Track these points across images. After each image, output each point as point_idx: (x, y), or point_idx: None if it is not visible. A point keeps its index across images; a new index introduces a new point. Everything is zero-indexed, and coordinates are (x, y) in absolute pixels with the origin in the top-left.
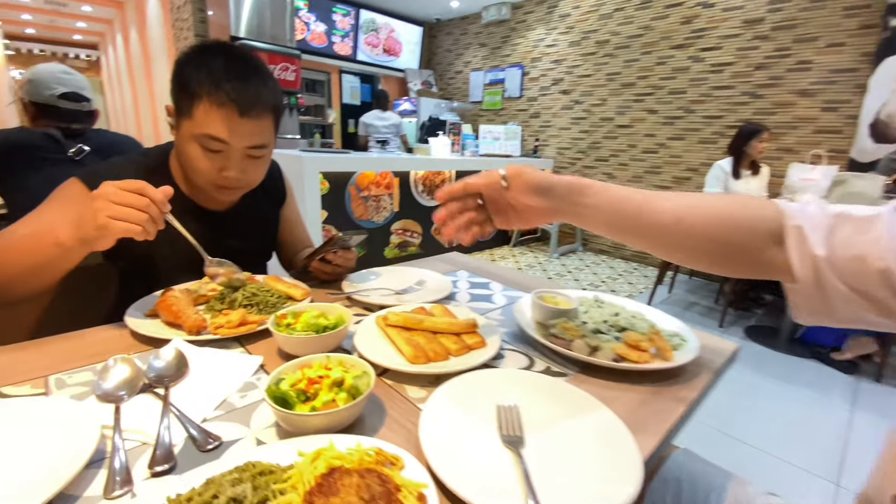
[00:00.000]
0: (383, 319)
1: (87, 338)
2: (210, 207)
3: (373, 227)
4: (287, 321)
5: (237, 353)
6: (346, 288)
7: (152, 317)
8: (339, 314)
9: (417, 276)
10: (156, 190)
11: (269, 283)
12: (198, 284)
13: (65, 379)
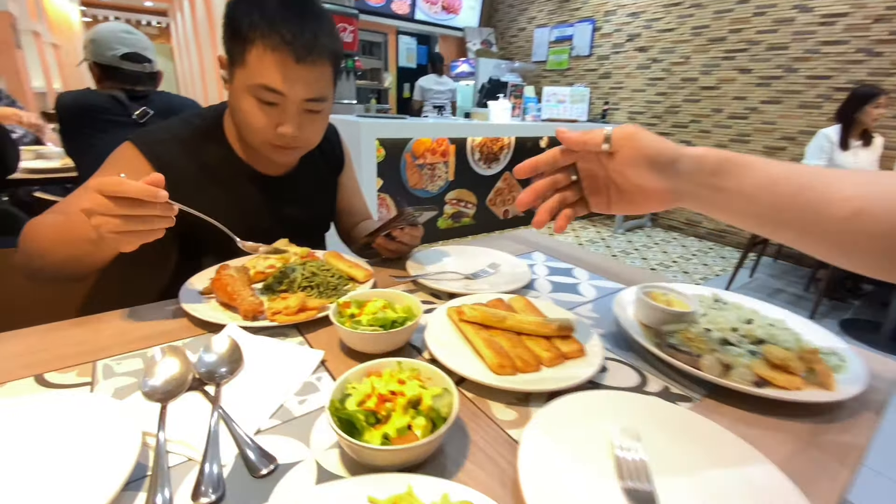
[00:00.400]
0: (457, 313)
1: (139, 317)
2: (267, 172)
3: (427, 196)
4: (350, 311)
5: (296, 345)
6: (412, 269)
7: (208, 294)
8: (408, 305)
9: (489, 257)
10: (136, 186)
11: (330, 260)
12: (255, 260)
13: (113, 366)
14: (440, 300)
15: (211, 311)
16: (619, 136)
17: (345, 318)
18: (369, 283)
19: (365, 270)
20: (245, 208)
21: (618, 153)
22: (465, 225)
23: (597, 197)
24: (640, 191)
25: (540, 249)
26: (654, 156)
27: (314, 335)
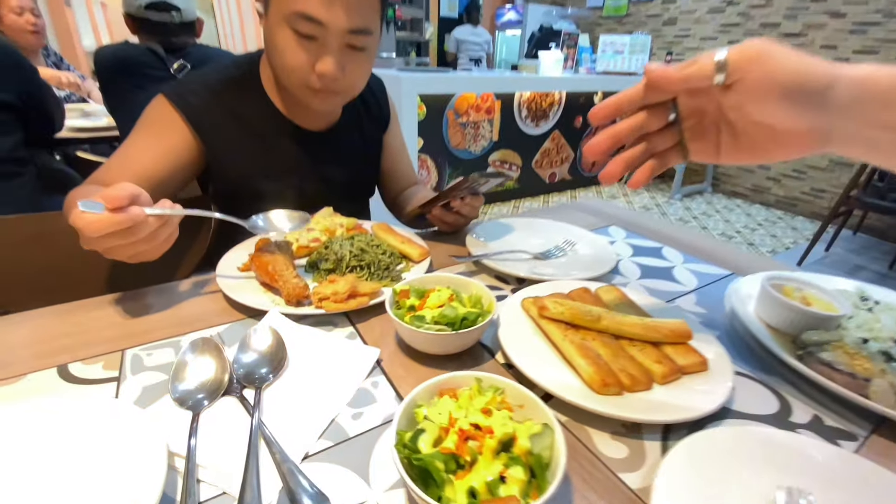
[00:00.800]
0: (536, 306)
1: (172, 296)
2: (307, 126)
3: (468, 157)
4: (410, 302)
5: (346, 340)
6: (472, 247)
7: (247, 270)
8: (476, 294)
9: (561, 233)
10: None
11: (380, 234)
12: (297, 234)
13: (142, 357)
14: (507, 284)
15: (251, 292)
16: (739, 60)
17: (403, 310)
18: (425, 263)
19: (420, 248)
20: (284, 166)
21: (738, 83)
22: (508, 189)
23: (701, 142)
24: (769, 133)
25: (617, 223)
26: (794, 83)
27: (366, 325)
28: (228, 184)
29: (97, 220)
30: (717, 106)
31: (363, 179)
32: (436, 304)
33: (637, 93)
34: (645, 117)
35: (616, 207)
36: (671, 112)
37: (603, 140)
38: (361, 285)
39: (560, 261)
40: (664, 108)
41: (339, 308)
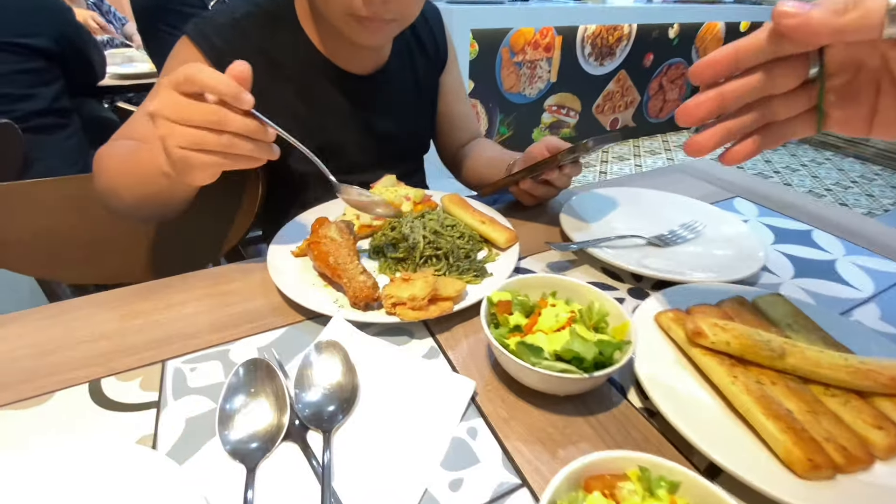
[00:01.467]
0: (684, 328)
1: (218, 284)
2: (350, 69)
3: (522, 101)
4: (514, 320)
5: (429, 362)
6: (571, 229)
7: (302, 255)
8: (599, 309)
9: (677, 208)
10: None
11: (453, 210)
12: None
13: (185, 372)
14: (620, 282)
15: (308, 287)
16: None
17: (504, 329)
18: (513, 251)
19: (506, 230)
20: (324, 116)
21: None
22: (564, 137)
23: (849, 108)
24: None
25: (742, 193)
26: None
27: (449, 336)
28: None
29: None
30: (883, 59)
31: (418, 132)
32: (552, 325)
33: (761, 43)
34: (768, 75)
35: (734, 172)
36: (812, 67)
37: (707, 102)
38: (443, 285)
39: (686, 250)
40: (799, 62)
41: (417, 317)
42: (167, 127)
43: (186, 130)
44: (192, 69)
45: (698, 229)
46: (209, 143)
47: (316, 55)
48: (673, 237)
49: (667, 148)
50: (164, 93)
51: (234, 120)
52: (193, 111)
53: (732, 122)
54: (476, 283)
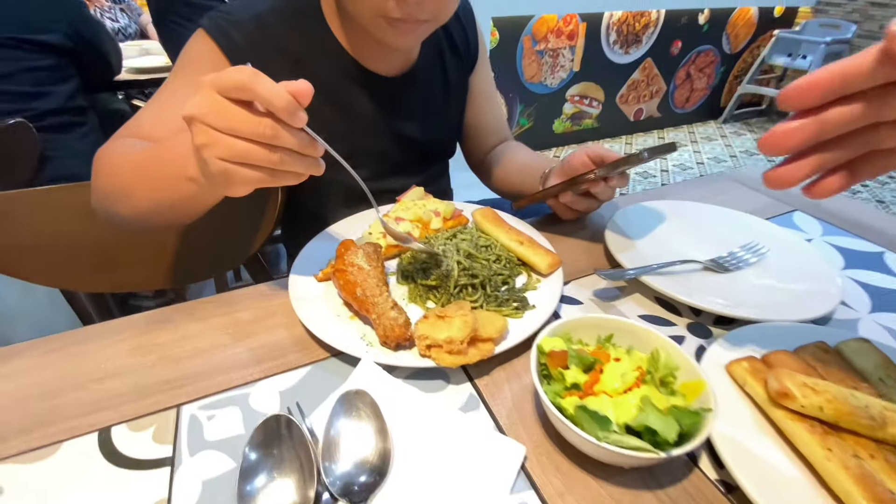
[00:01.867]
0: (767, 386)
1: (236, 311)
2: (380, 71)
3: (544, 92)
4: (571, 377)
5: (468, 419)
6: (617, 251)
7: (325, 280)
8: (668, 361)
9: (732, 225)
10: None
11: (485, 227)
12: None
13: (202, 421)
14: (676, 314)
15: (333, 320)
16: None
17: (558, 385)
18: (557, 278)
19: (548, 254)
20: (351, 122)
21: None
22: (586, 128)
23: None
24: None
25: (800, 206)
26: None
27: (489, 381)
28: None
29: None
30: None
31: (446, 136)
32: (618, 386)
33: (872, 65)
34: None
35: None
36: None
37: (802, 131)
38: (483, 323)
39: (747, 277)
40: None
41: (455, 363)
42: (208, 135)
43: (233, 142)
44: (246, 75)
45: (761, 252)
46: (257, 158)
47: (343, 56)
48: (732, 261)
49: (693, 140)
50: (207, 95)
51: (287, 137)
52: (243, 122)
53: (830, 153)
54: (517, 317)
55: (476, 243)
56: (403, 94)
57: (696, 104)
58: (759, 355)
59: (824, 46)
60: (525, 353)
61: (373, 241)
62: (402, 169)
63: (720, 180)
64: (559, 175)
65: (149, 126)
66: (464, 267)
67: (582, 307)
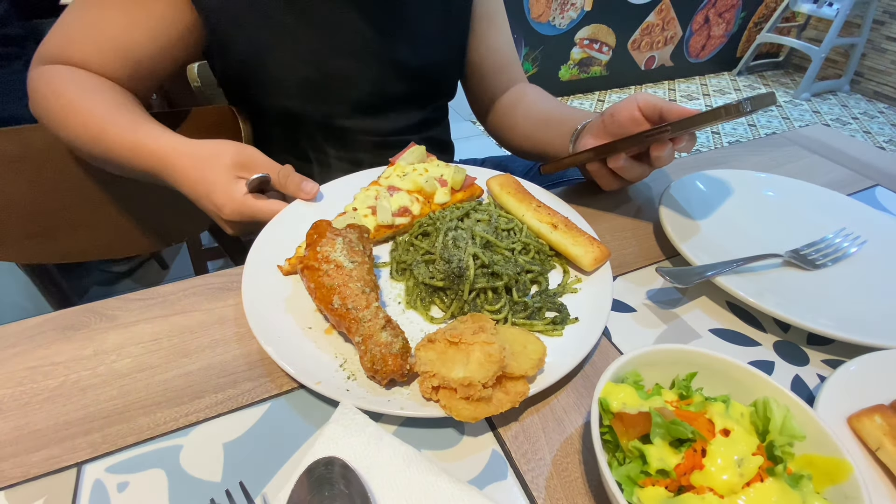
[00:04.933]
0: None
1: (175, 313)
2: None
3: (551, 33)
4: (658, 458)
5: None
6: (678, 237)
7: (291, 273)
8: (785, 423)
9: (807, 200)
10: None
11: (507, 202)
12: (369, 197)
13: (109, 490)
14: (758, 329)
15: (301, 337)
16: None
17: (635, 467)
18: (604, 277)
19: (593, 244)
20: (325, 39)
21: None
22: (594, 77)
23: None
24: None
25: (884, 182)
26: None
27: (518, 429)
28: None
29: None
30: None
31: (445, 66)
32: (732, 478)
33: None
34: None
35: (867, 150)
36: None
37: None
38: (513, 352)
39: (840, 275)
40: None
41: (475, 415)
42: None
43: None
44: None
45: (857, 243)
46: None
47: None
48: (819, 254)
49: (705, 93)
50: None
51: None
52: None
53: None
54: (555, 336)
55: (496, 226)
56: (394, 15)
57: (712, 53)
58: (887, 400)
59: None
60: (567, 385)
61: (357, 220)
62: (391, 105)
63: (782, 144)
64: (600, 133)
65: (80, 45)
66: (482, 263)
67: (636, 316)
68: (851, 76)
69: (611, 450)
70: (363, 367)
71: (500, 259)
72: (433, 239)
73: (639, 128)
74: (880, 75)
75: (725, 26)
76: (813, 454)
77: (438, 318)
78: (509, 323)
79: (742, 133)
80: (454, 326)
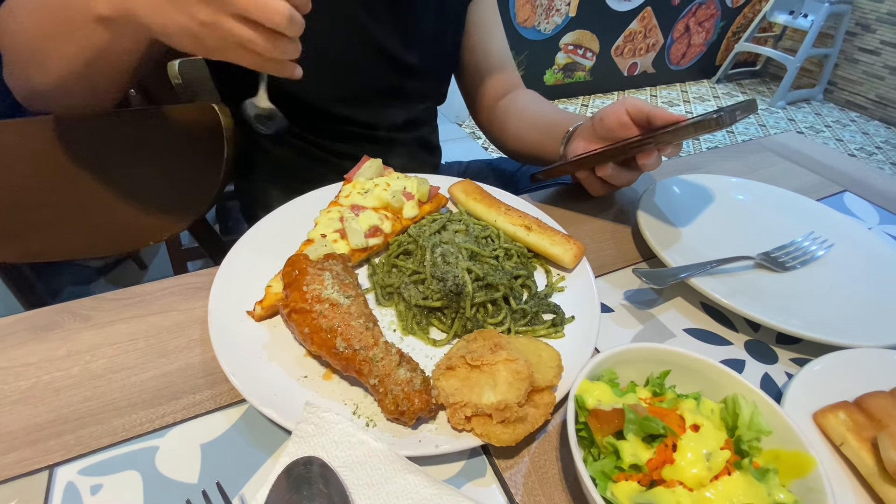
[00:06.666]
0: (865, 444)
1: (152, 313)
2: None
3: (536, 38)
4: (631, 453)
5: None
6: (655, 240)
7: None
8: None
9: (779, 204)
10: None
11: (474, 207)
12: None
13: (82, 491)
14: (729, 328)
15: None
16: None
17: (607, 459)
18: (585, 273)
19: (569, 242)
20: (334, 35)
21: None
22: (578, 82)
23: None
24: None
25: (852, 187)
26: None
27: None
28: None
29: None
30: None
31: (434, 67)
32: (700, 472)
33: None
34: None
35: (838, 157)
36: None
37: None
38: (534, 362)
39: (810, 278)
40: None
41: (515, 437)
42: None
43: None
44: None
45: (825, 246)
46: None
47: None
48: (789, 257)
49: (686, 100)
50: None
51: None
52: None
53: None
54: (558, 338)
55: (475, 235)
56: (394, 9)
57: (692, 61)
58: (850, 397)
59: (828, 5)
60: None
61: (328, 247)
62: (380, 97)
63: (756, 150)
64: (589, 137)
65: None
66: (476, 276)
67: (613, 316)
68: (825, 85)
69: (586, 446)
70: (384, 410)
71: (490, 268)
72: (418, 257)
73: (627, 131)
74: (852, 85)
75: (705, 35)
76: (779, 449)
77: (441, 339)
78: (512, 333)
79: (720, 139)
80: (467, 348)
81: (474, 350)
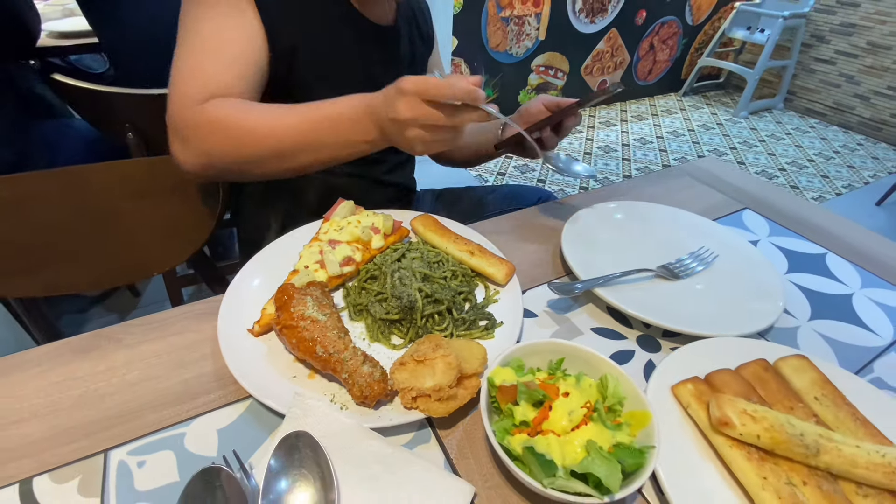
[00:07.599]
0: (709, 413)
1: (169, 334)
2: (375, 19)
3: (508, 61)
4: (520, 413)
5: (418, 461)
6: (574, 260)
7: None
8: (615, 389)
9: (682, 225)
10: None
11: (430, 237)
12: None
13: (131, 467)
14: (628, 327)
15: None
16: None
17: (506, 420)
18: (514, 287)
19: (502, 263)
20: (353, 55)
21: None
22: None
23: None
24: None
25: (751, 204)
26: None
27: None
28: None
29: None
30: None
31: None
32: (565, 424)
33: None
34: None
35: (745, 177)
36: None
37: None
38: (465, 356)
39: (696, 285)
40: None
41: (448, 409)
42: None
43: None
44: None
45: (709, 259)
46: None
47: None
48: (681, 268)
49: (654, 113)
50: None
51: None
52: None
53: None
54: (489, 339)
55: (428, 261)
56: (391, 41)
57: (658, 76)
58: (703, 374)
59: (782, 20)
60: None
61: (311, 276)
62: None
63: (677, 175)
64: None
65: (219, 76)
66: (426, 294)
67: (537, 320)
68: (785, 95)
69: (497, 412)
70: (353, 397)
71: (438, 287)
72: (382, 281)
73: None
74: (810, 93)
75: (669, 52)
76: (633, 410)
77: (399, 344)
78: (455, 336)
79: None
80: (415, 349)
81: (421, 350)
